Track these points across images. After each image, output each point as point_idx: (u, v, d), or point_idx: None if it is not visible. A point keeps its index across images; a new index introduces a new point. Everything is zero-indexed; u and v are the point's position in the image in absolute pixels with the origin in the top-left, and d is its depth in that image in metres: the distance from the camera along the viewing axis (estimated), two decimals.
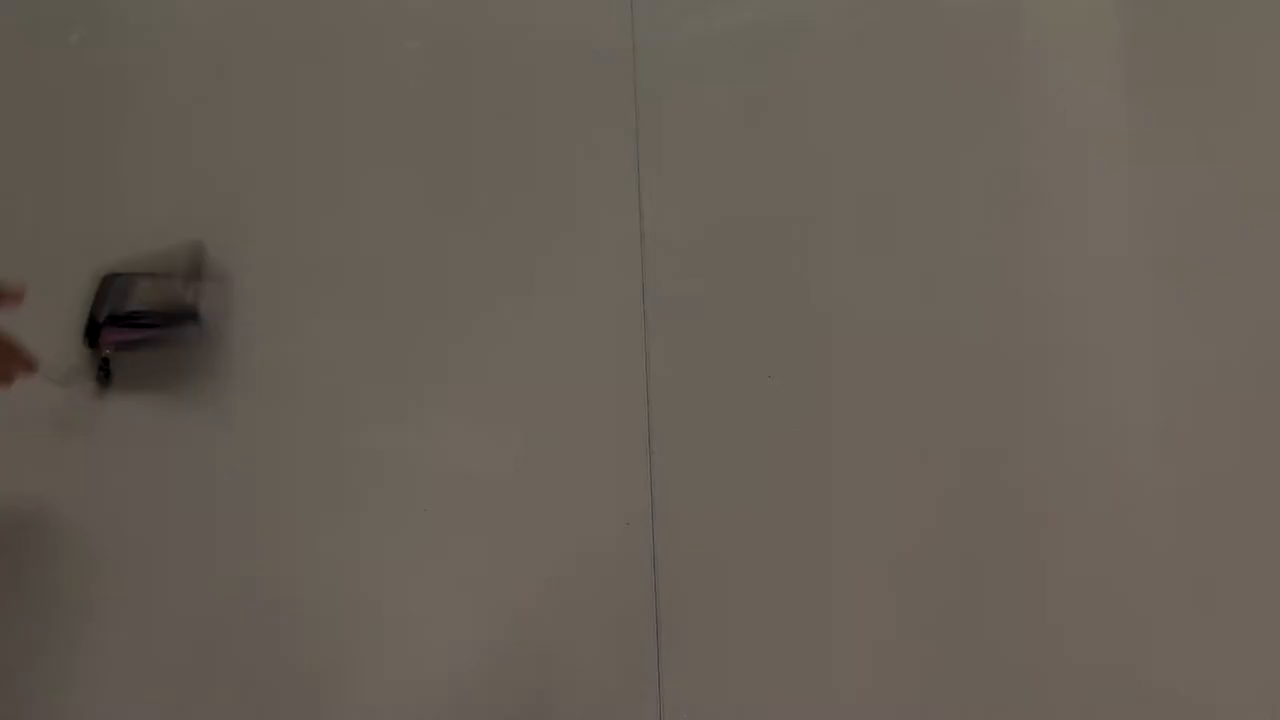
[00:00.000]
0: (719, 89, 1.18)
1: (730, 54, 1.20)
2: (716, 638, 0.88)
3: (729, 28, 1.22)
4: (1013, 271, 1.03)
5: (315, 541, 0.92)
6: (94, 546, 0.91)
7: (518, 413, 0.98)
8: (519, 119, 1.15)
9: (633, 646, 0.88)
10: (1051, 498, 0.95)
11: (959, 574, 0.92)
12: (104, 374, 0.98)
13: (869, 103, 1.17)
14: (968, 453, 0.97)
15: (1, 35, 1.17)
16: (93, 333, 0.98)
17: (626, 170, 1.11)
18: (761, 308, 1.04)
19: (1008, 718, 0.87)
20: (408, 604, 0.90)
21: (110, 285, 1.00)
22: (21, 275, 0.84)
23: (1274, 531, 0.93)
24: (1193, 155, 1.13)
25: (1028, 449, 0.98)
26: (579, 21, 1.21)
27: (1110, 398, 0.96)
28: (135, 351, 0.98)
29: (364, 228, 1.08)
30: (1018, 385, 1.01)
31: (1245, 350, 1.01)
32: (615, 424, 0.97)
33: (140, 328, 0.98)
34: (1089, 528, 0.94)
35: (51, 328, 0.98)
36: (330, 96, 1.17)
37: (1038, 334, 1.03)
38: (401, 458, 0.95)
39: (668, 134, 1.14)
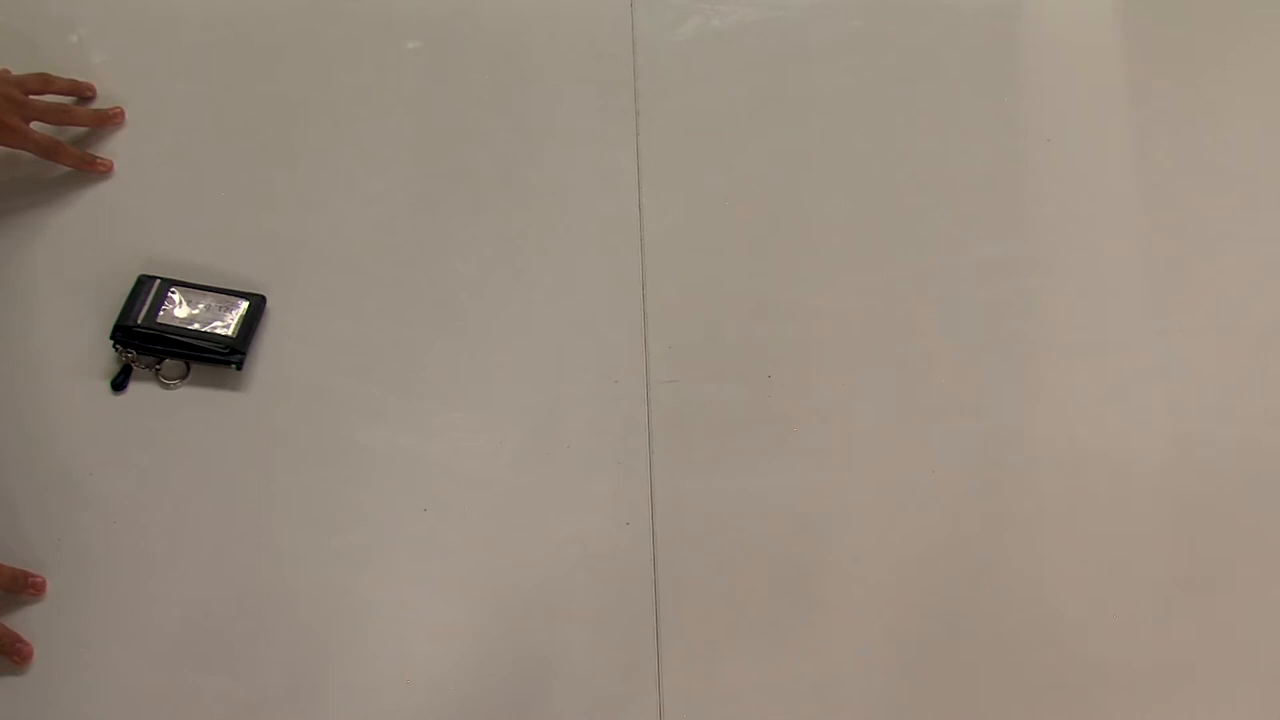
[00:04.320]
0: (719, 89, 1.18)
1: (730, 54, 1.20)
2: (716, 638, 0.88)
3: (729, 28, 1.22)
4: (1014, 271, 1.03)
5: (313, 541, 0.91)
6: (90, 544, 0.91)
7: (517, 411, 0.98)
8: (518, 119, 1.15)
9: (633, 646, 0.87)
10: (1055, 498, 0.95)
11: (963, 575, 0.91)
12: (122, 379, 0.97)
13: (869, 102, 1.18)
14: (970, 452, 0.97)
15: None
16: (121, 335, 0.97)
17: (626, 170, 1.11)
18: (762, 307, 1.04)
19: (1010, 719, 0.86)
20: (405, 603, 0.89)
21: (147, 290, 0.99)
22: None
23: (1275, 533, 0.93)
24: (1194, 155, 1.13)
25: (1031, 447, 0.98)
26: (579, 21, 1.21)
27: (1114, 398, 0.96)
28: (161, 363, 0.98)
29: (362, 227, 1.08)
30: (1020, 384, 1.01)
31: (1248, 352, 1.01)
32: (615, 423, 0.97)
33: (170, 343, 0.97)
34: (1092, 528, 0.93)
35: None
36: (328, 96, 1.17)
37: (1039, 334, 1.03)
38: (400, 457, 0.95)
39: (668, 134, 1.14)
